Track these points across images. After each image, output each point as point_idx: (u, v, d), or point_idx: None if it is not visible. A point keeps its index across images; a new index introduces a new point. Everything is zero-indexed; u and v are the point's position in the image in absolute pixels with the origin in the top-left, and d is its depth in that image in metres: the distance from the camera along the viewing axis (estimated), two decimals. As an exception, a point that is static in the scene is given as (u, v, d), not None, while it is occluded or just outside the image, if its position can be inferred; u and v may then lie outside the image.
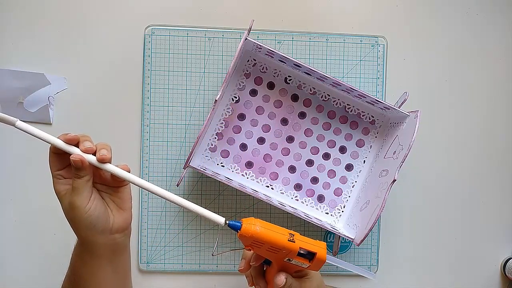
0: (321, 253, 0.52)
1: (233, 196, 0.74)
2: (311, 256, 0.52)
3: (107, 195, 0.52)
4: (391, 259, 0.77)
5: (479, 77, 0.77)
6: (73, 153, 0.47)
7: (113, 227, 0.51)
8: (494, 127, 0.78)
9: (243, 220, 0.50)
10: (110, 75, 0.73)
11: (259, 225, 0.50)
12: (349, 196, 0.74)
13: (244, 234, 0.49)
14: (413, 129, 0.63)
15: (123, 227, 0.52)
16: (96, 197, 0.49)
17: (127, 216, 0.53)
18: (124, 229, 0.52)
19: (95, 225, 0.49)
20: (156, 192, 0.49)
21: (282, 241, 0.50)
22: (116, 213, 0.52)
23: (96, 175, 0.51)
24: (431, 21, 0.76)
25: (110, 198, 0.52)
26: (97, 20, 0.72)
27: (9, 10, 0.71)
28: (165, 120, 0.73)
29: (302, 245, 0.51)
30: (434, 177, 0.77)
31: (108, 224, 0.50)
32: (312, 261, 0.52)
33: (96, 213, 0.49)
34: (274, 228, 0.51)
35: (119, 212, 0.52)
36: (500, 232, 0.78)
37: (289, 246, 0.51)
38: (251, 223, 0.50)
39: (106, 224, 0.50)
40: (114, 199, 0.52)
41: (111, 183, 0.52)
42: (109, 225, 0.51)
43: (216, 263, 0.75)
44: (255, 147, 0.73)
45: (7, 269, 0.73)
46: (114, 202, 0.52)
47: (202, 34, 0.73)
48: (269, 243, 0.50)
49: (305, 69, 0.67)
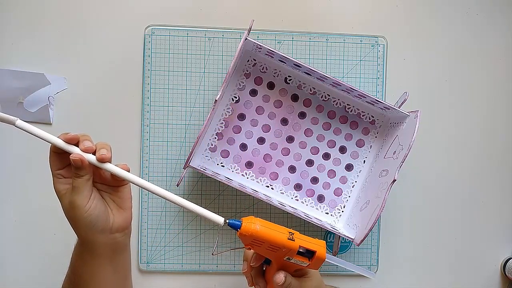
0: (321, 252, 0.52)
1: (233, 196, 0.74)
2: (310, 254, 0.52)
3: (107, 194, 0.52)
4: (391, 259, 0.77)
5: (479, 77, 0.77)
6: (73, 153, 0.47)
7: (113, 226, 0.51)
8: (494, 127, 0.78)
9: (243, 219, 0.50)
10: (110, 75, 0.73)
11: (259, 224, 0.50)
12: (349, 196, 0.74)
13: (244, 233, 0.49)
14: (413, 129, 0.63)
15: (123, 226, 0.52)
16: (96, 197, 0.50)
17: (127, 215, 0.53)
18: (124, 228, 0.53)
19: (95, 224, 0.49)
20: (155, 191, 0.49)
21: (282, 239, 0.50)
22: (116, 213, 0.52)
23: (96, 175, 0.51)
24: (431, 21, 0.76)
25: (110, 197, 0.52)
26: (97, 20, 0.72)
27: (9, 10, 0.71)
28: (165, 120, 0.73)
29: (302, 243, 0.51)
30: (434, 177, 0.77)
31: (108, 223, 0.51)
32: (311, 260, 0.52)
33: (96, 212, 0.49)
34: (274, 226, 0.51)
35: (119, 211, 0.52)
36: (500, 232, 0.78)
37: (288, 244, 0.51)
38: (251, 221, 0.50)
39: (106, 223, 0.50)
40: (114, 198, 0.52)
41: (111, 182, 0.52)
42: (109, 224, 0.51)
43: (216, 263, 0.75)
44: (255, 147, 0.73)
45: (7, 269, 0.73)
46: (114, 202, 0.52)
47: (202, 34, 0.73)
48: (268, 242, 0.50)
49: (305, 69, 0.67)
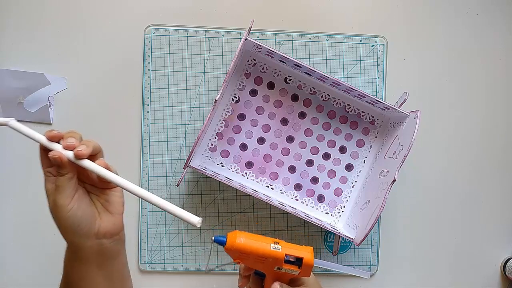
0: (308, 258, 0.53)
1: (233, 196, 0.74)
2: (299, 262, 0.52)
3: (95, 196, 0.51)
4: (391, 259, 0.77)
5: (479, 77, 0.77)
6: (53, 150, 0.46)
7: (100, 231, 0.49)
8: (494, 127, 0.78)
9: (228, 234, 0.51)
10: (110, 75, 0.73)
11: (243, 237, 0.51)
12: (349, 196, 0.74)
13: (229, 248, 0.51)
14: (413, 129, 0.63)
15: (112, 232, 0.50)
16: (81, 197, 0.48)
17: (117, 221, 0.51)
18: (113, 234, 0.50)
19: (78, 225, 0.47)
20: (128, 188, 0.47)
21: (267, 249, 0.51)
22: (104, 217, 0.50)
23: (85, 175, 0.49)
24: (431, 21, 0.76)
25: (98, 200, 0.50)
26: (97, 20, 0.72)
27: (9, 10, 0.71)
28: (165, 120, 0.73)
29: (287, 251, 0.52)
30: (434, 177, 0.77)
31: (94, 227, 0.49)
32: (301, 267, 0.52)
33: (79, 213, 0.47)
34: (258, 238, 0.52)
35: (107, 216, 0.50)
36: (500, 232, 0.78)
37: (274, 254, 0.52)
38: (235, 236, 0.51)
39: (91, 227, 0.48)
40: (101, 201, 0.50)
41: (98, 184, 0.50)
42: (95, 228, 0.49)
43: (216, 263, 0.75)
44: (255, 147, 0.73)
45: (7, 269, 0.73)
46: (102, 205, 0.50)
47: (202, 34, 0.73)
48: (254, 253, 0.51)
49: (305, 69, 0.67)
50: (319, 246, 0.76)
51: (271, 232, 0.75)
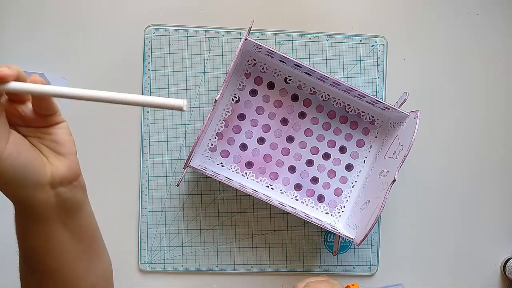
0: None
1: (233, 196, 0.74)
2: None
3: (38, 140, 0.41)
4: (391, 259, 0.77)
5: (479, 77, 0.77)
6: None
7: (55, 178, 0.40)
8: (494, 127, 0.78)
9: None
10: (110, 75, 0.73)
11: None
12: (349, 196, 0.74)
13: None
14: (413, 129, 0.63)
15: (68, 177, 0.41)
16: (18, 142, 0.39)
17: (71, 163, 0.42)
18: (70, 180, 0.42)
19: (24, 176, 0.39)
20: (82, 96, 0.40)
21: None
22: (55, 161, 0.41)
23: (16, 115, 0.40)
24: (431, 21, 0.76)
25: (42, 143, 0.41)
26: (97, 20, 0.72)
27: (9, 10, 0.71)
28: (165, 120, 0.73)
29: None
30: (434, 177, 0.77)
31: (44, 174, 0.40)
32: None
33: (22, 160, 0.38)
34: None
35: (58, 159, 0.41)
36: (500, 232, 0.78)
37: None
38: None
39: (41, 175, 0.40)
40: (46, 143, 0.41)
41: (38, 122, 0.41)
42: (47, 176, 0.40)
43: (216, 263, 0.75)
44: (255, 147, 0.73)
45: (7, 269, 0.73)
46: (49, 148, 0.41)
47: (202, 34, 0.73)
48: None
49: (305, 69, 0.67)
50: (319, 246, 0.76)
51: (271, 232, 0.75)
